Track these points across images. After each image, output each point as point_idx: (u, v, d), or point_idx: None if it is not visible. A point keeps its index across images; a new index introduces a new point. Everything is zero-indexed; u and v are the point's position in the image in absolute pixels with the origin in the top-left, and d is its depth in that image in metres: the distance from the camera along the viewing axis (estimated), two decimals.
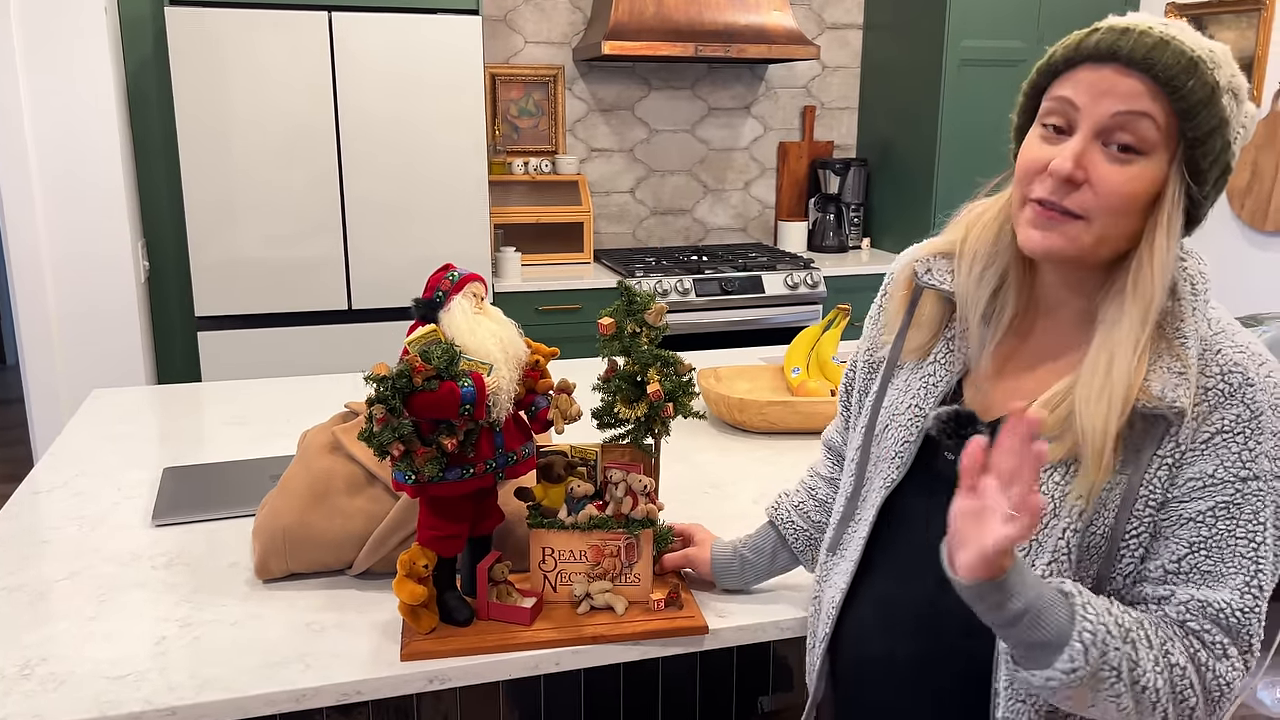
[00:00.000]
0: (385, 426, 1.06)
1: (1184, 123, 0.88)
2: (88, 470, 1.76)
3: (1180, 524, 0.90)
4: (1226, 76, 0.89)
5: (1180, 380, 0.89)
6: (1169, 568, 0.90)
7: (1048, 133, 0.93)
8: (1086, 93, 0.90)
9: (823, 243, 4.31)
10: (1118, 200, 0.89)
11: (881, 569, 1.07)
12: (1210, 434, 0.90)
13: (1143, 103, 0.88)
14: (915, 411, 1.05)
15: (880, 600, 1.07)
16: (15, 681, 1.12)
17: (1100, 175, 0.89)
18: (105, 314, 3.16)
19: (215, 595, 1.32)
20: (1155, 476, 0.91)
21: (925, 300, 1.08)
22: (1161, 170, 0.89)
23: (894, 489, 1.05)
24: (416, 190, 3.34)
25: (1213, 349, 0.92)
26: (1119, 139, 0.89)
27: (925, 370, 1.07)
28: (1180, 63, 0.87)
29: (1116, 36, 0.89)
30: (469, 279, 1.17)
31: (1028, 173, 0.94)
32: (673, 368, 1.26)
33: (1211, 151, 0.89)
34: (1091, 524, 0.91)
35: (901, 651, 1.04)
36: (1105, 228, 0.91)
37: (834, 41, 4.36)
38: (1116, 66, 0.89)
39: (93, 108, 3.04)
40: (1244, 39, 3.62)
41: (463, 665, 1.17)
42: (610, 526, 1.24)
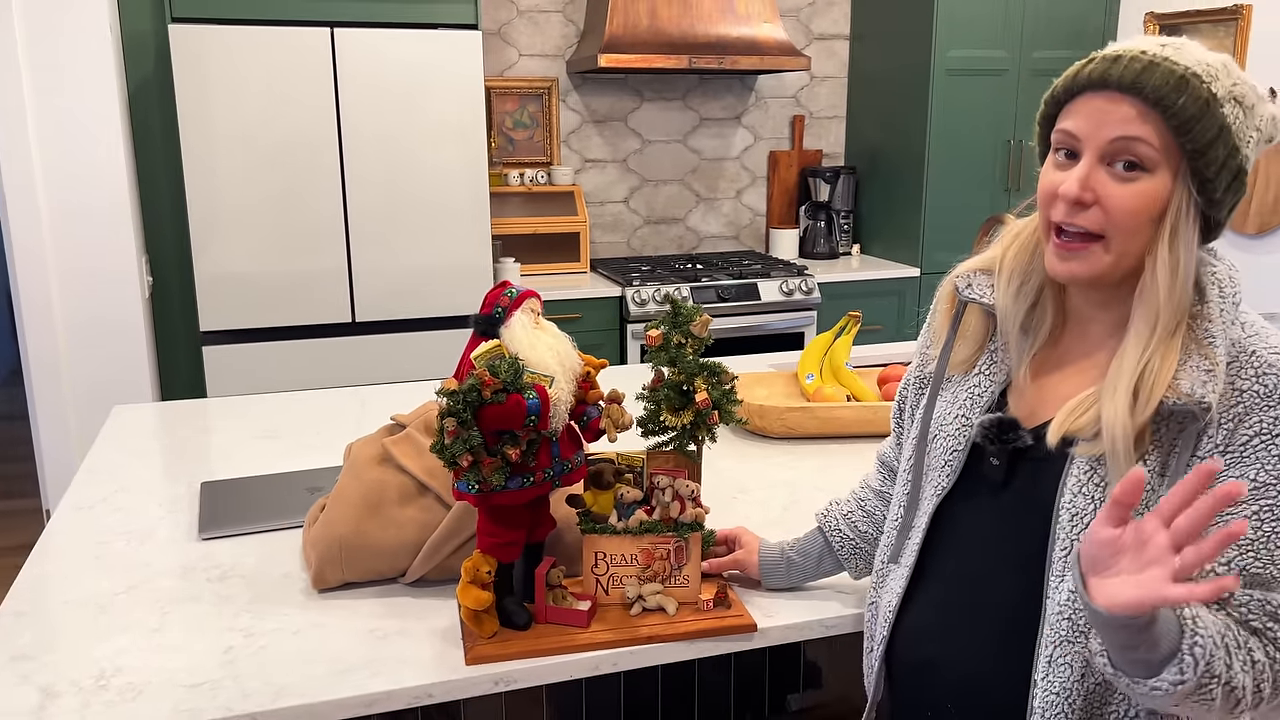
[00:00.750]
0: (457, 439, 1.11)
1: (1180, 137, 0.93)
2: (126, 486, 1.79)
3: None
4: (1225, 86, 0.93)
5: (1208, 378, 0.93)
6: (1219, 571, 0.93)
7: (1059, 159, 1.00)
8: (1085, 122, 0.96)
9: (814, 249, 4.39)
10: (1127, 216, 0.95)
11: (935, 574, 1.12)
12: (1249, 436, 0.94)
13: (1135, 126, 0.93)
14: (962, 421, 1.10)
15: (934, 605, 1.12)
16: (94, 692, 1.15)
17: (1107, 194, 0.95)
18: (110, 330, 3.17)
19: (274, 605, 1.35)
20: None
21: (969, 315, 1.14)
22: (1167, 184, 0.94)
23: (945, 497, 1.10)
24: (418, 203, 3.37)
25: (1246, 351, 0.96)
26: (1123, 159, 0.95)
27: (971, 381, 1.12)
28: (1169, 82, 0.92)
29: (1108, 65, 0.95)
30: (526, 295, 1.22)
31: (1045, 198, 1.01)
32: (718, 376, 1.31)
33: (1215, 160, 0.94)
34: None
35: (949, 652, 1.09)
36: (1122, 244, 0.96)
37: (822, 52, 4.44)
38: (1109, 93, 0.94)
39: (97, 124, 3.06)
40: (1221, 48, 3.72)
41: (525, 667, 1.21)
42: (660, 530, 1.29)
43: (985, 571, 1.07)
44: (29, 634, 1.28)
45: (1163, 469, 0.96)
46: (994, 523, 1.08)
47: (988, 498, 1.08)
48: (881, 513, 1.32)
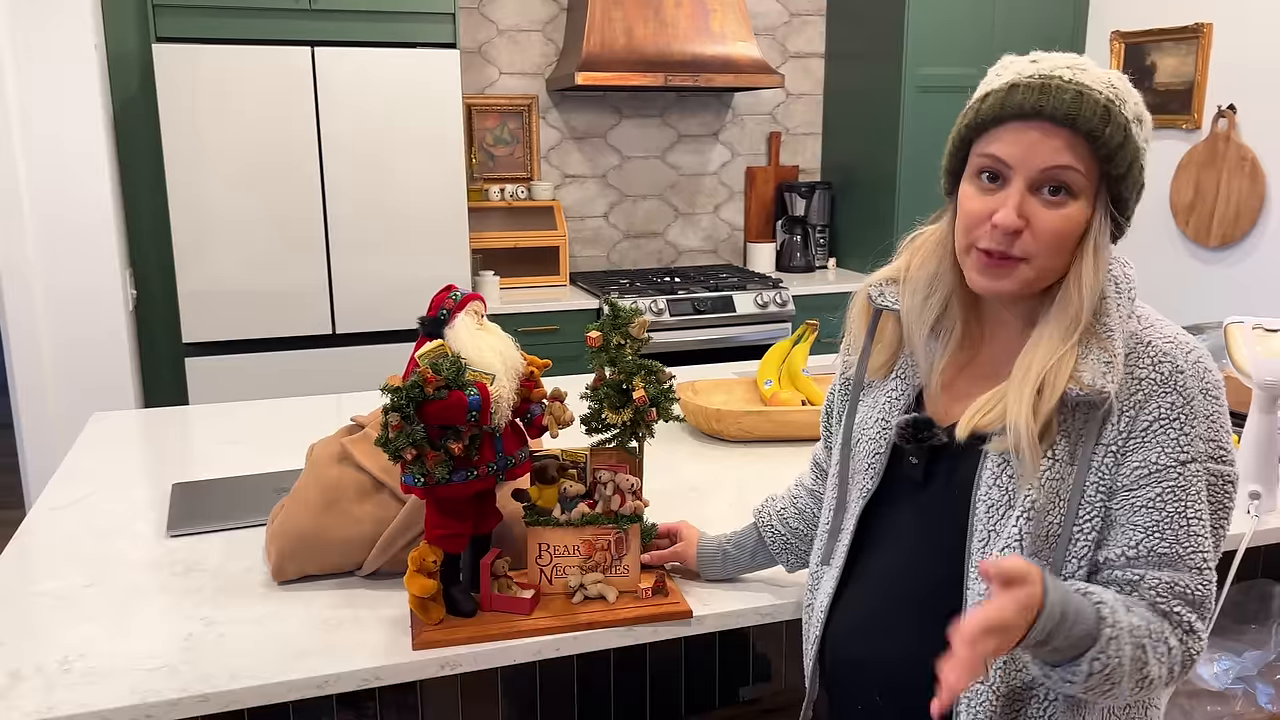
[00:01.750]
0: (400, 433, 1.17)
1: (1105, 165, 0.98)
2: (99, 488, 1.85)
3: (1134, 511, 0.99)
4: (1131, 108, 1.00)
5: (1107, 369, 0.99)
6: (1129, 554, 0.99)
7: (982, 182, 1.03)
8: (1016, 150, 0.99)
9: (790, 263, 4.47)
10: (1054, 240, 1.00)
11: (863, 573, 1.17)
12: (1149, 422, 0.99)
13: (1067, 156, 0.98)
14: (882, 425, 1.16)
15: (862, 602, 1.17)
16: (58, 675, 1.21)
17: (1037, 219, 0.99)
18: (95, 342, 3.24)
19: (234, 597, 1.42)
20: (1103, 464, 1.00)
21: (884, 322, 1.19)
22: (1089, 206, 1.00)
23: (870, 498, 1.16)
24: (398, 218, 3.45)
25: (1143, 342, 1.02)
26: (1049, 185, 0.99)
27: (889, 386, 1.18)
28: (1097, 113, 0.97)
29: (1037, 95, 0.97)
30: (470, 298, 1.29)
31: (972, 222, 1.03)
32: (655, 376, 1.38)
33: (1131, 182, 1.01)
34: (1046, 513, 1.01)
35: (877, 651, 1.14)
36: (1045, 264, 1.01)
37: (797, 70, 4.54)
38: (1041, 124, 0.98)
39: (82, 141, 3.13)
40: (1184, 65, 3.82)
41: (470, 652, 1.27)
42: (601, 522, 1.35)
43: (909, 567, 1.13)
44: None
45: (1071, 458, 1.01)
46: (916, 520, 1.13)
47: (909, 497, 1.14)
48: (813, 510, 1.38)
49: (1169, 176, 3.90)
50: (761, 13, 4.42)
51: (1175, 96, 3.87)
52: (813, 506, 1.38)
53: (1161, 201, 3.95)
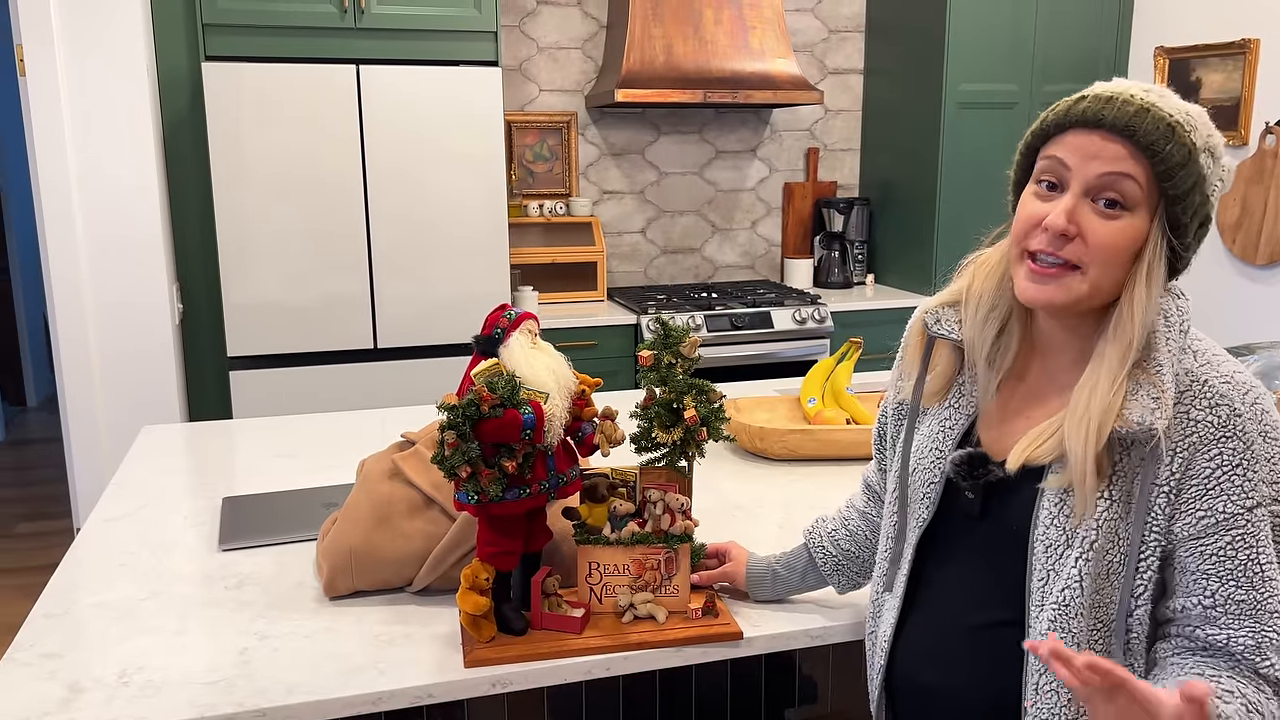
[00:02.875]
0: (456, 450, 1.18)
1: (1164, 182, 0.98)
2: (152, 501, 1.88)
3: (1204, 559, 0.98)
4: (1203, 137, 0.99)
5: (1155, 405, 0.97)
6: (1206, 603, 0.98)
7: (1042, 189, 1.03)
8: (1076, 154, 1.00)
9: (828, 279, 4.45)
10: (1107, 251, 0.99)
11: (925, 603, 1.17)
12: (1211, 469, 0.98)
13: (1126, 165, 0.98)
14: (936, 454, 1.15)
15: (926, 632, 1.16)
16: (116, 688, 1.23)
17: (1090, 229, 0.99)
18: (142, 355, 3.29)
19: (287, 611, 1.43)
20: (1155, 504, 0.99)
21: (938, 349, 1.19)
22: (1145, 224, 0.99)
23: (929, 526, 1.15)
24: (438, 233, 3.48)
25: (1199, 380, 1.00)
26: (1106, 196, 0.99)
27: (943, 414, 1.17)
28: (1159, 128, 0.97)
29: (1102, 105, 0.99)
30: (525, 317, 1.30)
31: (1025, 227, 1.04)
32: (706, 395, 1.38)
33: (1190, 206, 0.99)
34: (1105, 553, 1.00)
35: (944, 680, 1.13)
36: (1098, 277, 1.00)
37: (836, 86, 4.53)
38: (1102, 132, 0.99)
39: (133, 158, 3.19)
40: (1230, 81, 3.78)
41: (521, 671, 1.28)
42: (651, 542, 1.35)
43: (971, 599, 1.12)
44: (58, 635, 1.36)
45: (1128, 497, 1.00)
46: (975, 552, 1.12)
47: (967, 528, 1.13)
48: (864, 532, 1.38)
49: None
50: (801, 29, 4.42)
51: (1221, 113, 3.82)
52: (864, 528, 1.38)
53: None
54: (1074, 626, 1.01)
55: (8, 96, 5.99)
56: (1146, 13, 4.13)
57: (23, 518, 4.46)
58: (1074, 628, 1.01)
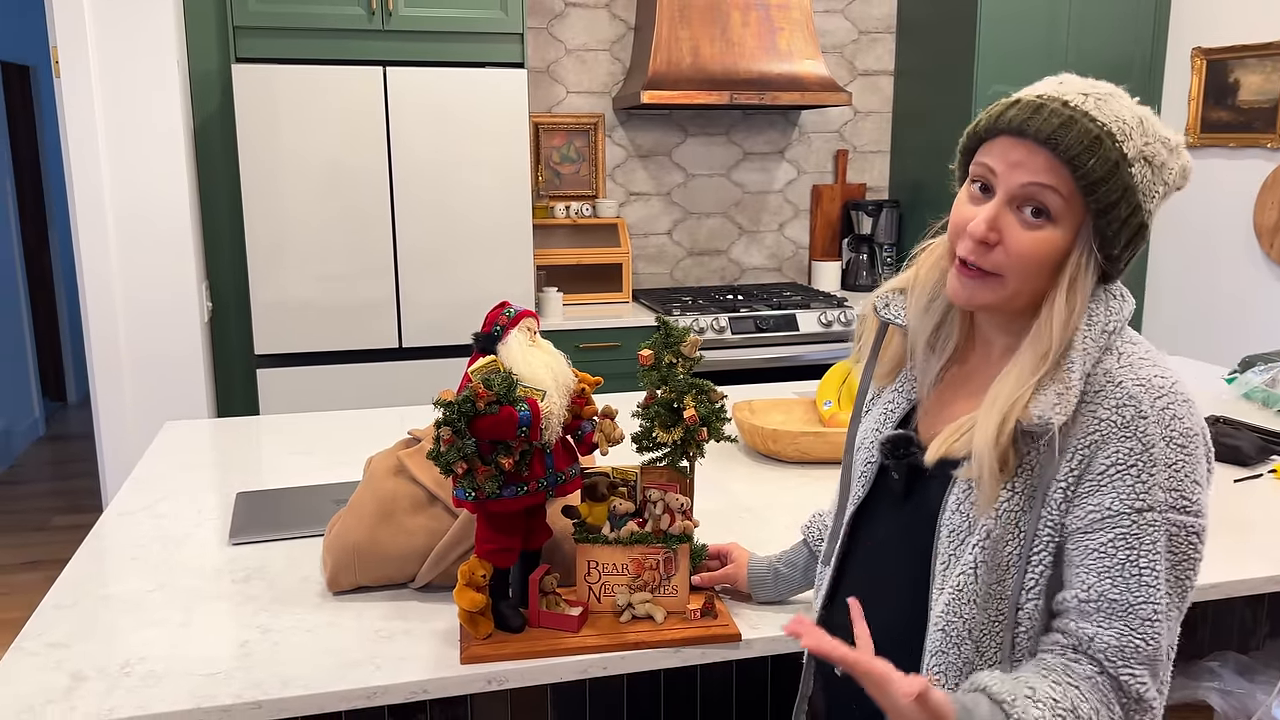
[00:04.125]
0: (451, 446, 1.19)
1: (1088, 196, 0.97)
2: (167, 495, 1.90)
3: (1086, 554, 0.98)
4: (1137, 146, 0.98)
5: (1059, 400, 0.97)
6: (1081, 596, 0.97)
7: (974, 190, 1.04)
8: (1002, 162, 1.00)
9: (856, 282, 4.42)
10: (1027, 261, 1.00)
11: (851, 579, 1.19)
12: (1105, 466, 0.97)
13: (1047, 176, 0.97)
14: (875, 435, 1.17)
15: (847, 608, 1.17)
16: (118, 678, 1.24)
17: (1012, 237, 1.00)
18: (172, 353, 3.34)
19: (290, 606, 1.44)
20: (1052, 499, 0.99)
21: (890, 334, 1.20)
22: (1069, 235, 0.99)
23: (860, 506, 1.18)
24: (465, 234, 3.50)
25: (1114, 381, 0.99)
26: (1030, 205, 0.99)
27: (886, 398, 1.20)
28: (1084, 141, 0.96)
29: (1029, 114, 0.98)
30: (523, 315, 1.30)
31: (956, 229, 1.05)
32: (706, 395, 1.37)
33: (1117, 219, 0.98)
34: (1004, 543, 1.00)
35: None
36: (1019, 283, 1.01)
37: (866, 87, 4.50)
38: (1026, 141, 0.98)
39: (164, 159, 3.24)
40: (1269, 82, 3.70)
41: (517, 668, 1.28)
42: (650, 541, 1.35)
43: (886, 580, 1.14)
44: (65, 625, 1.38)
45: (1030, 490, 1.00)
46: (895, 534, 1.14)
47: (892, 510, 1.15)
48: None
49: (1252, 197, 3.77)
50: (830, 30, 4.40)
51: (1259, 115, 3.74)
52: None
53: (1245, 223, 3.82)
54: (966, 613, 1.02)
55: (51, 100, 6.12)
56: (1184, 12, 4.06)
57: (59, 511, 4.55)
58: (966, 614, 1.02)
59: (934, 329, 1.13)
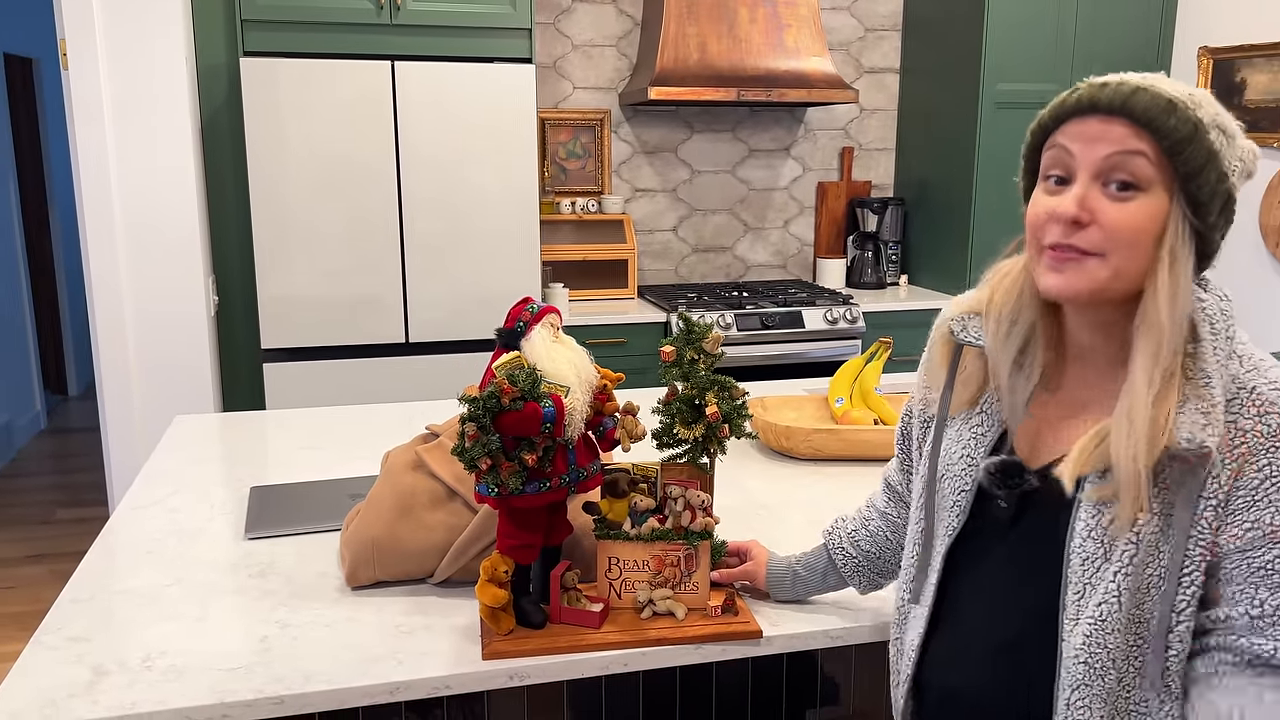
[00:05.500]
0: (476, 442, 1.18)
1: (1173, 159, 0.93)
2: (180, 489, 1.90)
3: (1251, 571, 0.95)
4: (1210, 114, 0.95)
5: (1206, 420, 0.92)
6: (1254, 614, 0.94)
7: (1050, 185, 1.00)
8: (1078, 141, 0.96)
9: (861, 279, 4.42)
10: (1125, 233, 0.94)
11: (955, 614, 1.14)
12: (1259, 480, 0.94)
13: (1131, 143, 0.94)
14: (967, 461, 1.11)
15: (956, 644, 1.13)
16: (139, 672, 1.24)
17: (1104, 212, 0.95)
18: (178, 347, 3.33)
19: (308, 600, 1.44)
20: (1202, 517, 0.95)
21: (966, 355, 1.14)
22: (1163, 203, 0.94)
23: (958, 536, 1.12)
24: (471, 229, 3.50)
25: (1247, 388, 0.95)
26: (1116, 178, 0.95)
27: (974, 421, 1.13)
28: (1159, 104, 0.93)
29: (1096, 90, 0.96)
30: (547, 311, 1.30)
31: (1038, 223, 1.00)
32: (728, 391, 1.37)
33: (1207, 183, 0.94)
34: (1145, 567, 0.96)
35: (972, 692, 1.10)
36: (1120, 261, 0.95)
37: (872, 85, 4.50)
38: (1100, 116, 0.95)
39: (171, 152, 3.23)
40: (1276, 82, 3.70)
41: (539, 664, 1.28)
42: (671, 538, 1.35)
43: (1003, 612, 1.08)
44: (84, 619, 1.38)
45: (1170, 510, 0.96)
46: (1007, 563, 1.09)
47: (999, 538, 1.09)
48: (885, 533, 1.35)
49: (1259, 196, 3.77)
50: (836, 28, 4.39)
51: (1266, 114, 3.74)
52: (885, 529, 1.36)
53: (1251, 223, 3.82)
54: (1110, 642, 0.98)
55: (53, 93, 6.11)
56: (1190, 11, 4.06)
57: (62, 504, 4.54)
58: (1110, 643, 0.98)
59: (1018, 353, 1.07)
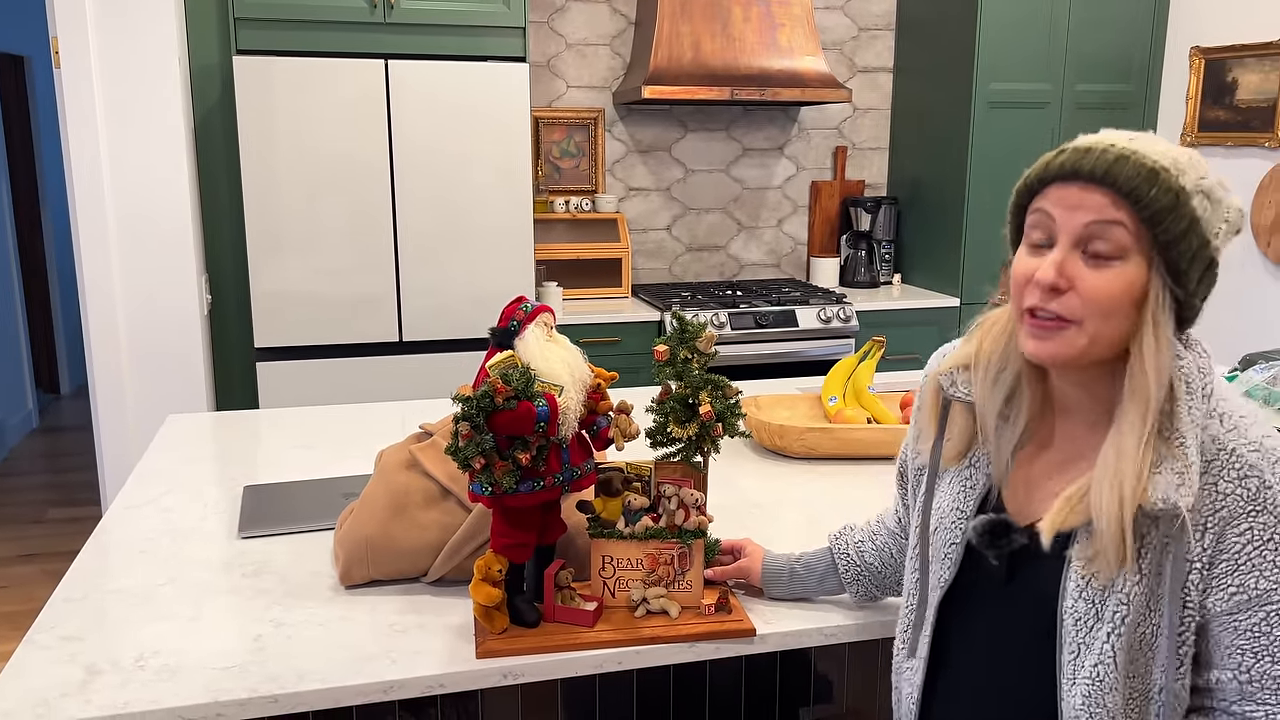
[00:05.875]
0: (470, 442, 1.18)
1: (1153, 228, 0.94)
2: (173, 488, 1.90)
3: (1238, 635, 0.97)
4: (1193, 180, 0.95)
5: (1181, 480, 0.94)
6: (1242, 680, 0.97)
7: (1034, 245, 1.01)
8: (1059, 207, 0.97)
9: (854, 278, 4.43)
10: (1102, 301, 0.95)
11: (953, 666, 1.15)
12: (1242, 544, 0.96)
13: (1110, 213, 0.95)
14: (957, 515, 1.13)
15: (955, 697, 1.15)
16: (133, 672, 1.24)
17: (1082, 279, 0.96)
18: (171, 346, 3.33)
19: (302, 599, 1.44)
20: (1188, 579, 0.97)
21: (955, 412, 1.15)
22: (1142, 272, 0.95)
23: (952, 587, 1.13)
24: (465, 228, 3.49)
25: (1227, 449, 0.97)
26: (1095, 248, 0.96)
27: (964, 474, 1.14)
28: (1140, 174, 0.93)
29: (1080, 156, 0.96)
30: (540, 310, 1.30)
31: (1019, 284, 1.01)
32: (722, 390, 1.37)
33: (1188, 251, 0.95)
34: (1136, 626, 0.98)
35: None
36: (1097, 329, 0.97)
37: (865, 84, 4.51)
38: (1081, 183, 0.96)
39: (164, 151, 3.22)
40: (1267, 82, 3.71)
41: (533, 663, 1.28)
42: (665, 536, 1.35)
43: (1000, 666, 1.10)
44: (77, 619, 1.38)
45: (1158, 570, 0.97)
46: (1001, 618, 1.10)
47: (992, 591, 1.10)
48: (891, 550, 1.36)
49: (1249, 195, 3.79)
50: (830, 27, 4.40)
51: (1257, 114, 3.76)
52: (892, 547, 1.37)
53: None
54: (1108, 701, 0.99)
55: (45, 91, 6.09)
56: (1182, 11, 4.07)
57: (53, 503, 4.52)
58: (1108, 703, 0.99)
59: (1004, 401, 1.09)
